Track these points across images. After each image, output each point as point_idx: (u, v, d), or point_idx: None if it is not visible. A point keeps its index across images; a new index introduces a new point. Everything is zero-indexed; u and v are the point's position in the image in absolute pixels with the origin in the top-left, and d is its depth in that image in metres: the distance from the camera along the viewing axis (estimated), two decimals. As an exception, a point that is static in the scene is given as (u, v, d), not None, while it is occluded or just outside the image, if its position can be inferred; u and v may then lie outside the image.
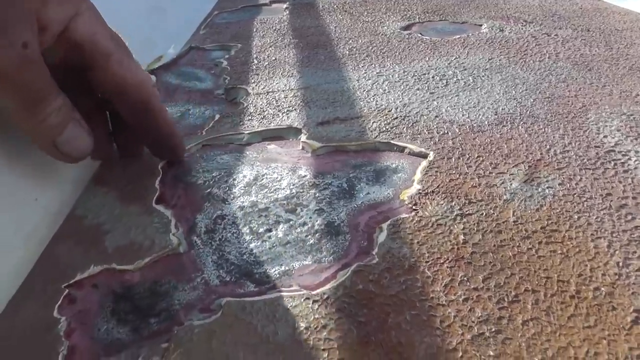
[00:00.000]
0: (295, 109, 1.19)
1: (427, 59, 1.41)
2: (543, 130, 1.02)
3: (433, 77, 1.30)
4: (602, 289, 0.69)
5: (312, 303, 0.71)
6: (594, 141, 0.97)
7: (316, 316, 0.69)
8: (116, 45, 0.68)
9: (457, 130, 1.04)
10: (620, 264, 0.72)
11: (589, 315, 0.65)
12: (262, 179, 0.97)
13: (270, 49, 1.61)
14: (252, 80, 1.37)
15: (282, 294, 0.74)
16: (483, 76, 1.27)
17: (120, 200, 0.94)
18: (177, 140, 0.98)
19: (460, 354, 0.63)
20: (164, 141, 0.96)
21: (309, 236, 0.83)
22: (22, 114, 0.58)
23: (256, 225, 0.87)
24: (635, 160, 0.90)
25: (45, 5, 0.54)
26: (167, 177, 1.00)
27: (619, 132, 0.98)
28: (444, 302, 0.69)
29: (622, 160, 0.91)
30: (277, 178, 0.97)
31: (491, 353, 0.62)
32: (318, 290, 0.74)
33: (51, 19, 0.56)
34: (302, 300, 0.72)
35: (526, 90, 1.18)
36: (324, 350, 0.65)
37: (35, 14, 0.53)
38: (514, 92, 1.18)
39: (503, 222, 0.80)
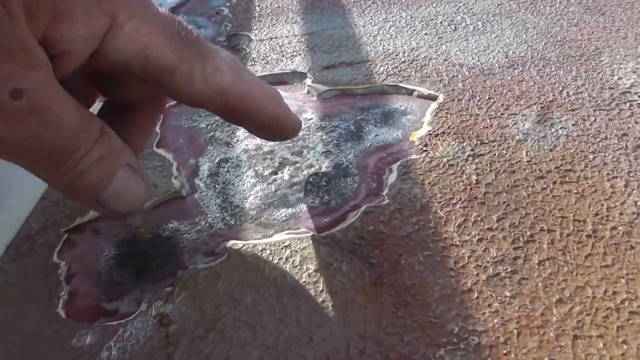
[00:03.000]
0: (299, 54, 1.15)
1: (435, 5, 1.36)
2: (555, 72, 0.98)
3: (441, 22, 1.25)
4: (620, 228, 0.66)
5: (322, 245, 0.69)
6: (607, 83, 0.93)
7: (326, 258, 0.67)
8: (180, 48, 0.43)
9: (466, 73, 1.01)
10: (639, 202, 0.69)
11: (607, 255, 0.63)
12: (267, 123, 0.94)
13: (271, -5, 1.56)
14: (255, 27, 1.33)
15: (290, 236, 0.72)
16: (492, 21, 1.23)
17: (121, 145, 0.91)
18: (291, 120, 0.68)
19: (476, 294, 0.61)
20: (275, 128, 0.66)
21: (317, 178, 0.81)
22: (46, 175, 0.41)
23: (261, 168, 0.84)
24: (653, 102, 0.87)
25: (60, 22, 0.34)
26: (168, 122, 0.97)
27: (634, 73, 0.95)
28: (457, 243, 0.67)
29: (639, 101, 0.88)
30: (281, 122, 0.93)
31: (507, 294, 0.60)
32: (327, 232, 0.72)
33: (71, 40, 0.35)
34: (311, 242, 0.70)
35: (537, 34, 1.15)
36: (334, 292, 0.63)
37: (41, 35, 0.34)
38: (524, 36, 1.14)
39: (516, 163, 0.77)
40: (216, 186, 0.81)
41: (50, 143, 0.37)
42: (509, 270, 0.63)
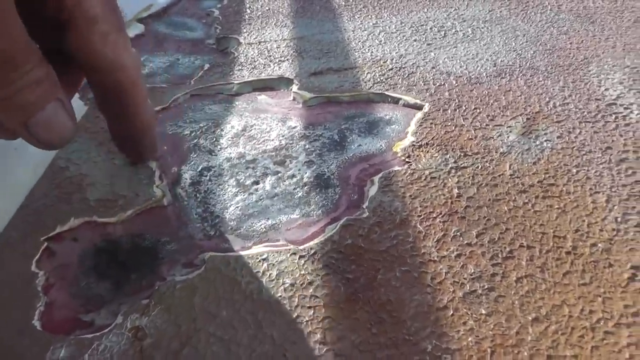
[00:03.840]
0: (287, 59, 1.15)
1: (425, 10, 1.36)
2: (542, 82, 0.98)
3: (431, 28, 1.25)
4: (599, 245, 0.66)
5: (299, 258, 0.69)
6: (594, 94, 0.93)
7: (302, 272, 0.67)
8: (108, 10, 0.49)
9: (454, 82, 1.00)
10: (619, 219, 0.69)
11: (585, 272, 0.63)
12: (251, 130, 0.93)
13: (263, -2, 1.55)
14: (244, 30, 1.32)
15: (268, 249, 0.71)
16: (482, 28, 1.22)
17: (104, 151, 0.90)
18: (150, 141, 0.70)
19: (452, 312, 0.61)
20: (136, 138, 0.68)
21: (298, 189, 0.80)
22: None
23: (243, 177, 0.84)
24: (638, 114, 0.87)
25: None
26: (152, 128, 0.96)
27: (621, 85, 0.95)
28: (435, 258, 0.67)
29: (624, 114, 0.87)
30: (266, 129, 0.93)
31: (483, 311, 0.60)
32: (305, 245, 0.71)
33: None
34: (289, 255, 0.69)
35: (526, 42, 1.14)
36: (309, 308, 0.63)
37: None
38: (513, 43, 1.13)
39: (499, 176, 0.77)
40: (197, 195, 0.81)
41: (9, 47, 0.40)
42: (486, 287, 0.62)
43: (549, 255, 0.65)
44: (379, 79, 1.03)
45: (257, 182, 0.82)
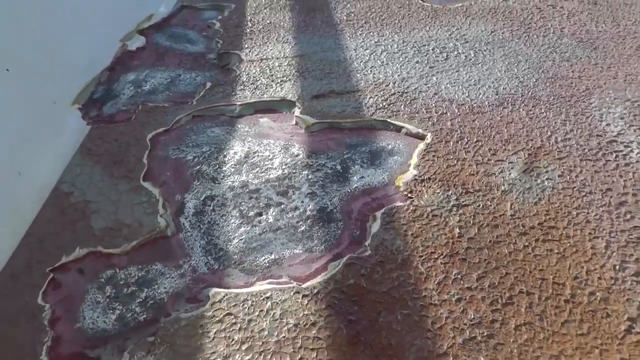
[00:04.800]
0: (289, 79, 1.15)
1: (428, 28, 1.36)
2: (545, 114, 0.99)
3: (433, 49, 1.25)
4: (598, 293, 0.67)
5: (302, 298, 0.70)
6: (596, 129, 0.94)
7: (305, 312, 0.68)
8: None
9: (456, 110, 1.01)
10: (617, 267, 0.70)
11: (583, 322, 0.64)
12: (254, 157, 0.94)
13: (265, 10, 1.54)
14: (246, 46, 1.32)
15: (272, 286, 0.72)
16: (485, 50, 1.23)
17: (108, 176, 0.91)
18: None
19: (451, 358, 0.62)
20: None
21: (301, 222, 0.81)
22: None
23: (246, 208, 0.85)
24: (637, 153, 0.88)
25: None
26: (155, 151, 0.97)
27: (622, 120, 0.96)
28: (436, 302, 0.68)
29: (624, 152, 0.88)
30: (268, 156, 0.94)
31: (482, 359, 0.61)
32: (308, 283, 0.72)
33: None
34: (292, 294, 0.70)
35: (529, 68, 1.15)
36: (312, 350, 0.64)
37: None
38: (516, 69, 1.14)
39: (500, 216, 0.78)
40: (201, 226, 0.81)
41: None
42: (485, 334, 0.63)
43: (548, 302, 0.66)
44: (381, 104, 1.04)
45: (260, 214, 0.83)
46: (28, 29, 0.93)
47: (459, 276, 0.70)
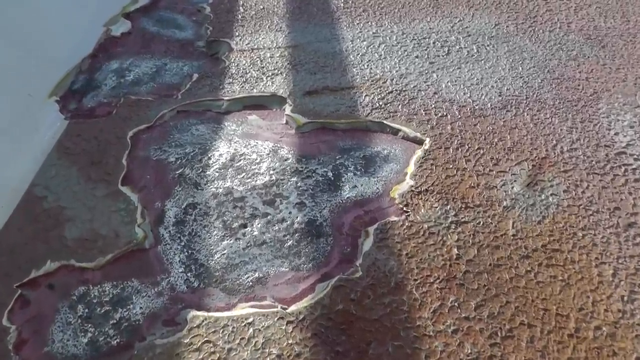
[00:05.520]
0: (281, 73, 1.09)
1: (429, 19, 1.29)
2: (550, 120, 0.93)
3: (434, 42, 1.19)
4: (604, 328, 0.62)
5: (287, 324, 0.65)
6: (604, 139, 0.88)
7: (290, 341, 0.63)
8: None
9: (457, 112, 0.95)
10: (625, 298, 0.65)
11: (588, 360, 0.59)
12: (240, 160, 0.88)
13: (258, -8, 1.47)
14: (237, 33, 1.25)
15: (254, 310, 0.67)
16: (488, 46, 1.17)
17: (85, 178, 0.85)
18: None
19: (446, 399, 0.57)
20: None
21: (288, 236, 0.76)
22: None
23: (230, 219, 0.79)
24: (649, 167, 0.83)
25: None
26: (136, 151, 0.91)
27: (631, 129, 0.90)
28: (431, 333, 0.63)
29: (634, 166, 0.83)
30: (256, 160, 0.88)
31: (479, 401, 0.57)
32: (293, 308, 0.67)
33: None
34: (276, 320, 0.65)
35: (534, 67, 1.09)
36: (296, 386, 0.59)
37: None
38: (520, 68, 1.08)
39: (501, 236, 0.73)
40: (181, 238, 0.76)
41: None
42: (483, 372, 0.59)
43: (550, 337, 0.61)
44: (377, 104, 0.98)
45: (244, 225, 0.77)
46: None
47: (456, 304, 0.65)
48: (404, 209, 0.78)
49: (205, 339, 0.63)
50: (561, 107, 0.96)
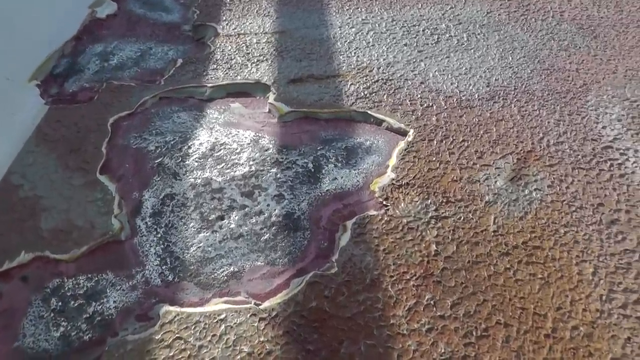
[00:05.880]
0: (266, 59, 1.07)
1: (420, 5, 1.27)
2: (538, 112, 0.91)
3: (424, 30, 1.16)
4: (581, 328, 0.61)
5: (259, 321, 0.64)
6: (591, 132, 0.87)
7: (261, 339, 0.62)
8: None
9: (443, 103, 0.93)
10: (604, 297, 0.64)
11: (563, 362, 0.59)
12: (220, 150, 0.86)
13: (248, -25, 1.44)
14: (224, 17, 1.23)
15: (227, 306, 0.66)
16: (479, 34, 1.14)
17: (63, 167, 0.83)
18: None
19: (416, 400, 0.56)
20: None
21: (265, 229, 0.74)
22: None
23: (207, 210, 0.78)
24: (634, 163, 0.81)
25: None
26: (116, 139, 0.89)
27: (619, 122, 0.88)
28: (405, 331, 0.62)
29: (619, 161, 0.82)
30: (236, 149, 0.86)
31: (450, 402, 0.56)
32: (267, 304, 0.66)
33: None
34: (248, 316, 0.64)
35: (524, 57, 1.07)
36: (265, 385, 0.58)
37: None
38: (510, 58, 1.06)
39: (482, 232, 0.72)
40: (158, 230, 0.75)
41: None
42: (456, 372, 0.58)
43: (526, 336, 0.60)
44: (362, 93, 0.96)
45: (222, 217, 0.76)
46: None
47: (431, 302, 0.64)
48: (384, 202, 0.76)
49: (177, 335, 0.62)
50: (549, 98, 0.95)
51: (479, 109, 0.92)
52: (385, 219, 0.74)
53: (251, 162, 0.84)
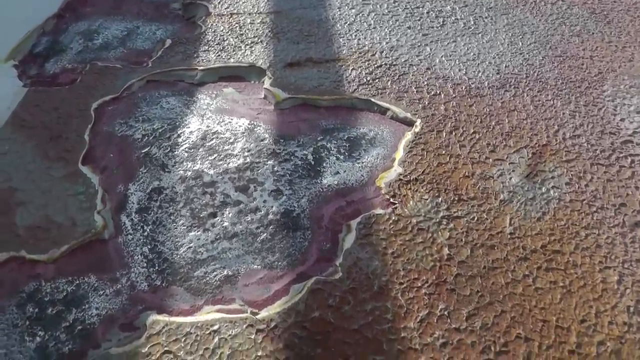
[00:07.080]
0: (261, 41, 1.00)
1: (423, -16, 1.20)
2: (552, 102, 0.86)
3: (428, 12, 1.10)
4: (608, 343, 0.56)
5: (256, 333, 0.58)
6: (609, 125, 0.81)
7: (259, 354, 0.56)
8: None
9: (451, 91, 0.87)
10: (631, 308, 0.59)
11: (591, 382, 0.53)
12: (212, 139, 0.80)
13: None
14: (216, -5, 1.15)
15: (221, 315, 0.60)
16: (486, 17, 1.08)
17: (41, 156, 0.76)
18: None
19: None
20: None
21: (261, 229, 0.68)
22: None
23: (199, 206, 0.71)
24: (658, 159, 0.76)
25: None
26: (100, 126, 0.82)
27: (638, 115, 0.83)
28: (416, 346, 0.56)
29: (642, 157, 0.76)
30: (229, 139, 0.80)
31: None
32: (264, 313, 0.60)
33: None
34: (244, 327, 0.58)
35: (535, 42, 1.00)
36: (264, 407, 0.52)
37: None
38: (520, 43, 1.00)
39: (497, 234, 0.66)
40: (145, 227, 0.69)
41: None
42: (474, 393, 0.53)
43: (549, 353, 0.55)
44: (365, 79, 0.89)
45: (214, 214, 0.70)
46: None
47: (445, 312, 0.59)
48: (391, 200, 0.70)
49: (166, 348, 0.56)
50: (564, 88, 0.89)
51: (490, 98, 0.86)
52: (393, 218, 0.68)
53: (246, 153, 0.77)
